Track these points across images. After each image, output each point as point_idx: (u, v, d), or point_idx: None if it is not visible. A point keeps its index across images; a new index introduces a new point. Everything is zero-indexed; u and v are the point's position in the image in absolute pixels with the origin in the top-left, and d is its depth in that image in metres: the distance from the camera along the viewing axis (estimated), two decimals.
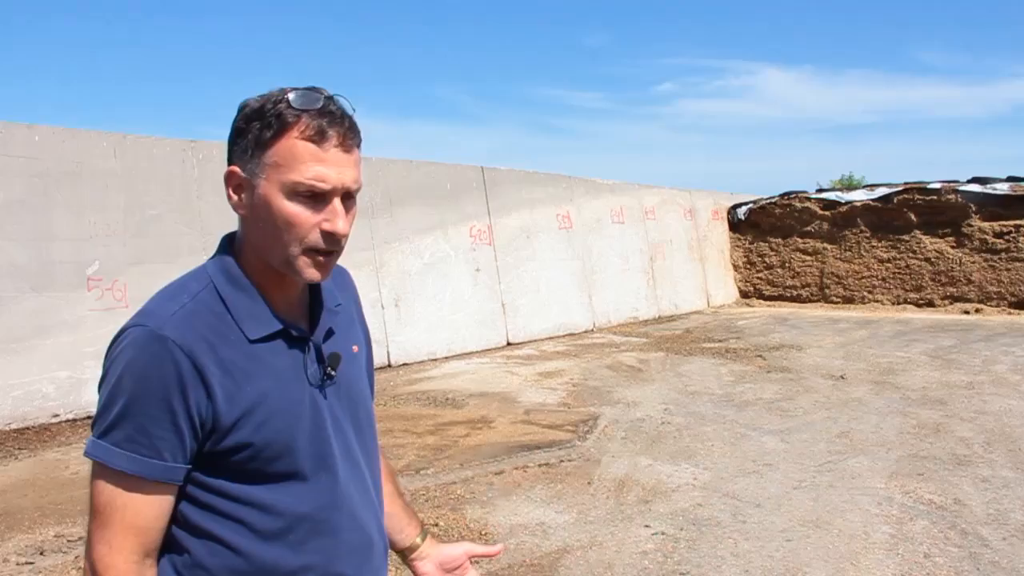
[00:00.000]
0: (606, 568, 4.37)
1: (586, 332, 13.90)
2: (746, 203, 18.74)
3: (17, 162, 7.82)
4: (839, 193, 18.25)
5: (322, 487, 1.51)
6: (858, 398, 8.21)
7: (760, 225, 18.40)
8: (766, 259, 18.29)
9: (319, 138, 1.39)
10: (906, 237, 16.42)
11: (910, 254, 16.35)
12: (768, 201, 18.40)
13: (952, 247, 15.89)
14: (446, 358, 11.39)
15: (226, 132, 1.47)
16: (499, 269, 12.61)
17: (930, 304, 16.06)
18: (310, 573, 1.49)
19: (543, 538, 4.81)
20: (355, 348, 1.66)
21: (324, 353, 1.55)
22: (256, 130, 1.40)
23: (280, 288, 1.50)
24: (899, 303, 16.44)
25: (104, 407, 1.37)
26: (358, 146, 1.46)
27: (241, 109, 1.44)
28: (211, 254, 1.54)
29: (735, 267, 18.68)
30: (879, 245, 16.79)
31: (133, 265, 8.44)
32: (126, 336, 1.38)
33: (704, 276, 17.57)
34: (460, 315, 11.86)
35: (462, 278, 12.05)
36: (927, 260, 16.14)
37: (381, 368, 10.62)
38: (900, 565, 4.30)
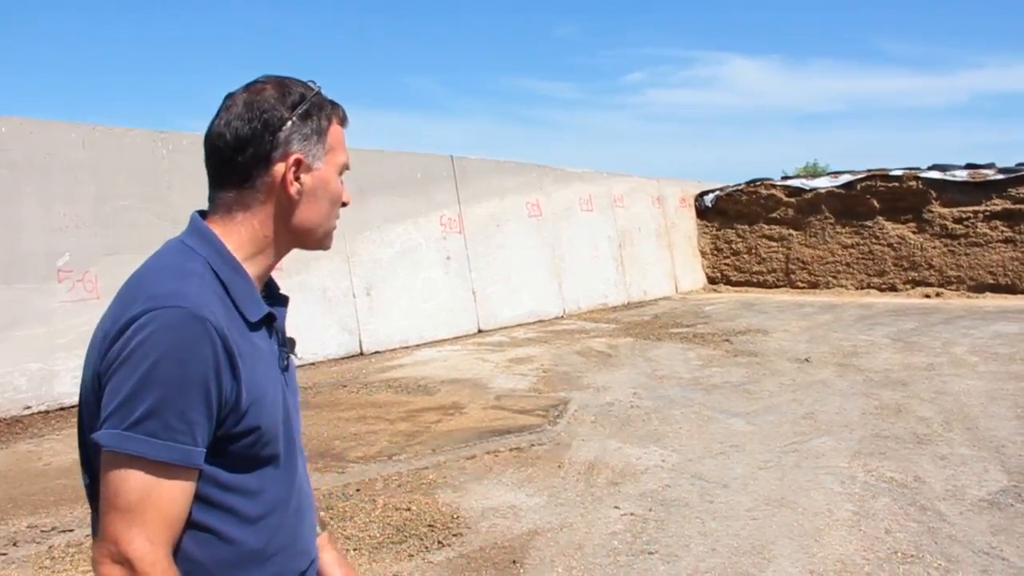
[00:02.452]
0: (577, 549, 4.46)
1: (556, 319, 14.02)
2: (713, 190, 18.92)
3: None
4: (804, 180, 18.47)
5: (291, 470, 1.57)
6: (822, 380, 8.37)
7: (727, 212, 18.59)
8: (733, 245, 18.49)
9: (346, 124, 1.62)
10: (869, 223, 16.67)
11: (873, 240, 16.61)
12: (735, 188, 18.60)
13: (913, 233, 16.17)
14: (418, 346, 11.44)
15: (196, 123, 1.53)
16: (470, 257, 12.67)
17: (892, 288, 16.34)
18: (284, 554, 1.54)
19: (515, 521, 4.90)
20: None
21: (283, 338, 1.62)
22: (315, 119, 1.53)
23: (263, 272, 1.57)
24: (863, 288, 16.71)
25: (131, 395, 1.31)
26: None
27: (275, 103, 1.49)
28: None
29: (703, 253, 18.86)
30: (843, 231, 17.03)
31: (104, 256, 8.42)
32: (154, 318, 1.33)
33: (672, 263, 17.74)
34: (431, 303, 11.91)
35: (433, 266, 12.10)
36: (889, 245, 16.41)
37: (354, 356, 10.68)
38: (862, 541, 4.43)
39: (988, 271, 15.42)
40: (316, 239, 1.60)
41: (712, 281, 18.72)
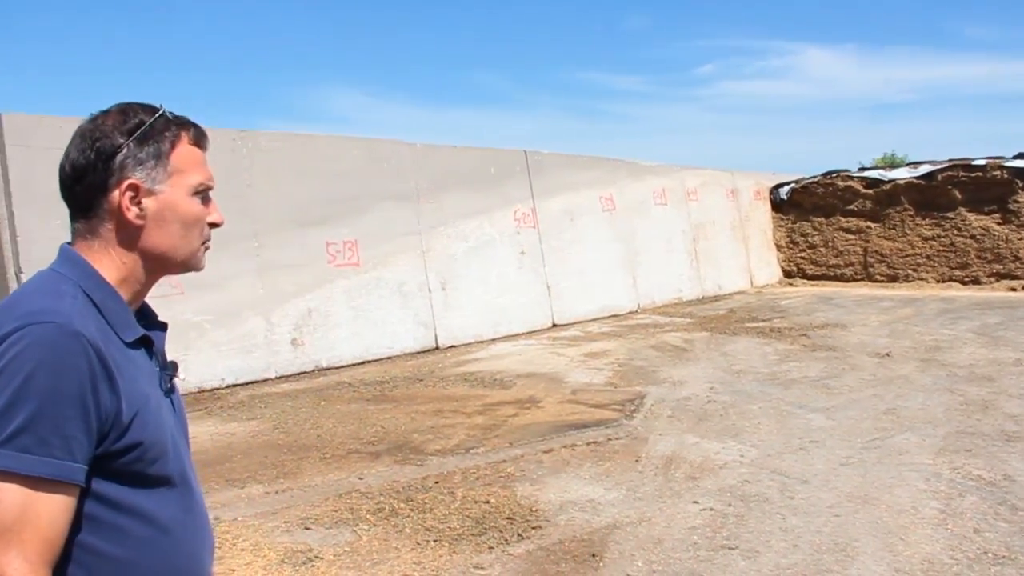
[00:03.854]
0: (656, 543, 4.46)
1: (630, 313, 13.96)
2: (788, 183, 18.61)
3: None
4: (882, 171, 18.09)
5: (187, 494, 1.56)
6: (904, 375, 8.21)
7: (802, 204, 18.27)
8: (809, 238, 18.18)
9: (203, 144, 1.60)
10: (951, 214, 16.25)
11: (955, 231, 16.18)
12: (810, 180, 18.28)
13: (998, 224, 15.70)
14: (492, 340, 11.50)
15: (276, 123, 1.57)
16: (543, 252, 12.69)
17: (976, 281, 15.89)
18: None
19: (593, 514, 4.91)
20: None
21: (164, 361, 1.62)
22: (153, 143, 1.51)
23: (134, 298, 1.56)
24: (944, 281, 16.27)
25: (3, 412, 1.29)
26: None
27: (109, 131, 1.50)
28: (260, 240, 1.59)
29: (778, 247, 18.59)
30: (923, 223, 16.62)
31: None
32: (26, 334, 1.33)
33: (747, 256, 17.53)
34: (506, 298, 11.97)
35: (507, 261, 12.15)
36: (972, 237, 15.97)
37: (429, 350, 10.79)
38: (950, 540, 4.34)
39: None
40: (177, 263, 1.58)
41: (788, 275, 18.44)
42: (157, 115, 1.53)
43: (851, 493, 5.07)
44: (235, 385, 8.92)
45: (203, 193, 1.58)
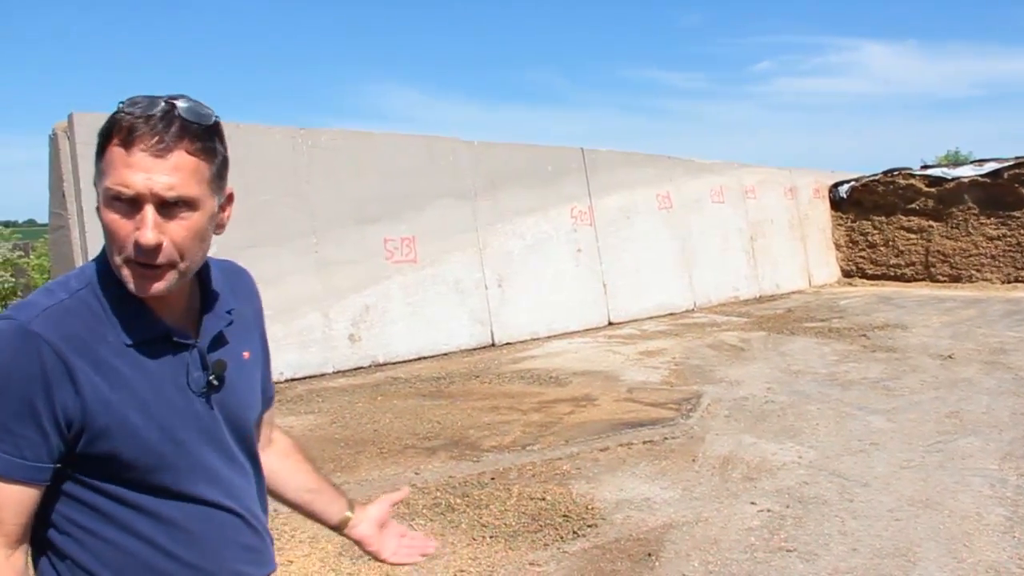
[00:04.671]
0: (712, 544, 4.44)
1: (686, 312, 13.85)
2: (848, 181, 18.33)
3: None
4: (945, 169, 17.72)
5: (208, 497, 1.51)
6: (967, 378, 8.05)
7: (862, 203, 17.99)
8: (869, 237, 17.90)
9: (127, 143, 1.35)
10: (1017, 213, 15.87)
11: (1022, 231, 15.82)
12: (871, 179, 17.98)
13: None
14: (548, 337, 11.48)
15: (335, 121, 1.49)
16: (600, 250, 12.65)
17: None
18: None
19: (649, 513, 4.90)
20: (246, 355, 1.63)
21: (209, 360, 1.52)
22: (98, 142, 1.41)
23: (169, 298, 1.48)
24: (1010, 281, 15.90)
25: None
26: (190, 151, 1.39)
27: None
28: (319, 237, 1.53)
29: (837, 246, 18.32)
30: (988, 222, 16.26)
31: (247, 249, 8.72)
32: None
33: (805, 255, 17.32)
34: (562, 295, 11.95)
35: (563, 259, 12.14)
36: None
37: (485, 347, 10.84)
38: (1017, 548, 4.25)
39: None
40: (116, 274, 1.43)
41: (847, 274, 18.17)
42: (115, 111, 1.39)
43: (912, 497, 5.00)
44: (293, 379, 9.04)
45: (121, 201, 1.38)
